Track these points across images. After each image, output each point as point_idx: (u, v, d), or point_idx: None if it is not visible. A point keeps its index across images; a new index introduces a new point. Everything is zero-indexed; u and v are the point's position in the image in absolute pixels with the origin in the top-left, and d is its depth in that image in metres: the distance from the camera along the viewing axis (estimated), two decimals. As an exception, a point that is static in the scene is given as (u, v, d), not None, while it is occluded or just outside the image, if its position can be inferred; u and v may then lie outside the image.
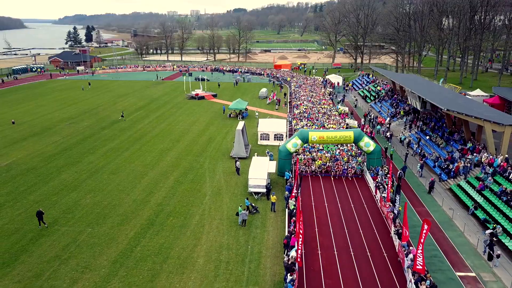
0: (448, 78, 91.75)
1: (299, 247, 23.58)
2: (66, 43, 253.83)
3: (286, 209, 32.02)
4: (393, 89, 73.09)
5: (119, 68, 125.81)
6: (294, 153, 40.87)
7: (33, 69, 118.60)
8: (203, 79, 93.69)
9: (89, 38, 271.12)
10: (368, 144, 38.90)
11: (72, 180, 39.01)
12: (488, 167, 35.85)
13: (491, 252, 25.93)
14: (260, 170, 36.33)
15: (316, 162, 40.65)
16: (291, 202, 31.62)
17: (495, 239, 27.03)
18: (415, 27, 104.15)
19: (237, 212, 31.03)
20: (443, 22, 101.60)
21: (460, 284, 23.91)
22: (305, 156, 42.26)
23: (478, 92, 66.48)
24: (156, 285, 23.50)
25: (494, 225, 28.40)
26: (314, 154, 42.67)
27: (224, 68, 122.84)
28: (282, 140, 49.89)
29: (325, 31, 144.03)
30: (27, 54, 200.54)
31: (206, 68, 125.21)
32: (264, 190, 35.42)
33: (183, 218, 31.53)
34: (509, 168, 34.43)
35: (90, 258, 26.08)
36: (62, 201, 34.36)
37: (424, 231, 21.32)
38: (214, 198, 35.17)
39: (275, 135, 50.79)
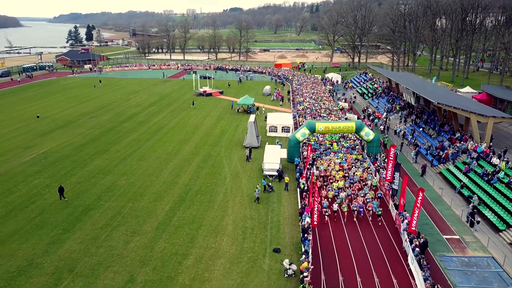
0: (441, 76, 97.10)
1: (314, 213, 28.55)
2: (67, 41, 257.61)
3: (298, 188, 37.02)
4: (389, 86, 78.25)
5: (125, 66, 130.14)
6: (302, 144, 45.81)
7: (46, 67, 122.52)
8: (208, 77, 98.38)
9: (89, 37, 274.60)
10: (368, 133, 43.91)
11: (104, 165, 43.74)
12: (473, 153, 40.99)
13: (472, 219, 31.02)
14: (274, 156, 41.36)
15: (334, 185, 36.14)
16: (302, 181, 36.64)
17: (475, 210, 32.15)
18: (410, 28, 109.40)
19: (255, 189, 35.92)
20: (436, 23, 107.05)
21: (446, 244, 28.99)
22: (317, 167, 39.83)
23: (467, 89, 71.77)
24: (195, 245, 28.36)
25: (474, 197, 33.57)
26: (326, 163, 40.68)
27: (227, 67, 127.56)
28: (289, 132, 54.81)
29: (323, 32, 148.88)
30: (29, 53, 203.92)
31: (210, 66, 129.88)
32: (276, 173, 40.33)
33: (209, 196, 36.40)
34: (491, 153, 39.62)
35: (136, 226, 30.91)
36: (100, 183, 39.11)
37: (420, 198, 26.35)
38: (234, 180, 40.04)
39: (282, 127, 55.73)
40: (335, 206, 32.71)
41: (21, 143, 51.44)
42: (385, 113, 64.95)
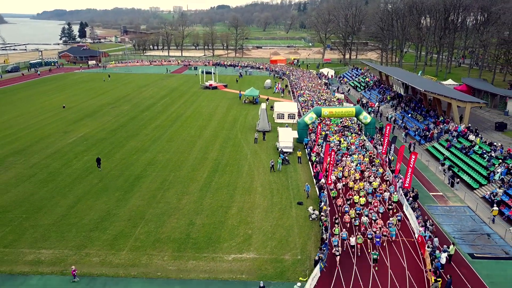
0: (426, 71, 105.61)
1: (330, 173, 36.07)
2: (61, 38, 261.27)
3: (309, 162, 44.53)
4: (380, 79, 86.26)
5: (128, 62, 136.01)
6: (311, 125, 53.22)
7: (52, 63, 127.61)
8: (210, 72, 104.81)
9: (82, 34, 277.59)
10: (366, 117, 51.59)
11: (140, 146, 50.53)
12: (454, 132, 48.99)
13: (452, 180, 38.91)
14: (287, 136, 48.72)
15: (355, 198, 34.21)
16: (313, 155, 44.19)
17: (452, 172, 40.12)
18: (397, 27, 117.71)
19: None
20: (422, 22, 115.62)
21: (432, 198, 36.78)
22: (339, 179, 38.50)
23: (450, 81, 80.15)
24: (235, 200, 35.58)
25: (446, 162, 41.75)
26: (346, 170, 39.77)
27: (225, 63, 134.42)
28: (294, 118, 62.26)
29: (315, 29, 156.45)
30: (25, 49, 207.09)
31: (209, 62, 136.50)
32: (291, 150, 47.71)
33: (237, 167, 43.58)
34: (469, 132, 47.66)
35: (183, 188, 37.97)
36: (141, 158, 45.96)
37: (413, 159, 34.09)
38: (254, 156, 47.27)
39: (288, 114, 63.13)
40: (352, 240, 28.14)
41: (58, 128, 57.76)
42: (377, 103, 72.86)
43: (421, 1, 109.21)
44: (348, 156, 44.40)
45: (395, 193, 35.47)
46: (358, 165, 41.72)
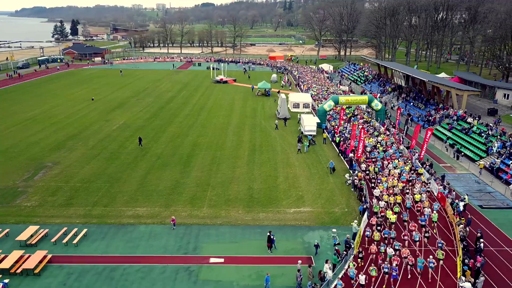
0: (418, 66, 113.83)
1: (358, 148, 43.09)
2: (53, 36, 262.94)
3: (333, 143, 51.44)
4: (379, 73, 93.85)
5: (135, 58, 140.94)
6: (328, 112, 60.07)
7: (58, 59, 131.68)
8: (215, 68, 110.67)
9: (74, 32, 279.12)
10: (377, 104, 58.81)
11: (179, 131, 56.60)
12: (454, 117, 56.60)
13: (458, 154, 46.40)
14: (310, 121, 55.47)
15: (387, 213, 30.77)
16: (337, 136, 51.11)
17: (456, 148, 47.63)
18: (390, 25, 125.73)
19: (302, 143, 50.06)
20: (413, 21, 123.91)
21: (443, 168, 44.09)
22: (381, 196, 33.88)
23: (443, 75, 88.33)
24: (279, 172, 42.16)
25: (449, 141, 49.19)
26: (390, 180, 36.55)
27: (226, 59, 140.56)
28: (309, 108, 69.12)
29: (310, 27, 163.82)
30: (20, 47, 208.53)
31: (210, 59, 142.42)
32: (315, 133, 54.52)
33: (271, 148, 50.15)
34: (467, 116, 55.33)
35: (232, 163, 44.37)
36: (185, 141, 52.13)
37: (428, 135, 41.34)
38: (282, 138, 53.92)
39: (303, 104, 69.89)
40: (362, 279, 23.46)
41: (98, 117, 63.29)
42: (379, 94, 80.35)
43: (413, 1, 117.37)
44: (390, 162, 41.43)
45: (435, 213, 31.20)
46: (403, 174, 37.90)
